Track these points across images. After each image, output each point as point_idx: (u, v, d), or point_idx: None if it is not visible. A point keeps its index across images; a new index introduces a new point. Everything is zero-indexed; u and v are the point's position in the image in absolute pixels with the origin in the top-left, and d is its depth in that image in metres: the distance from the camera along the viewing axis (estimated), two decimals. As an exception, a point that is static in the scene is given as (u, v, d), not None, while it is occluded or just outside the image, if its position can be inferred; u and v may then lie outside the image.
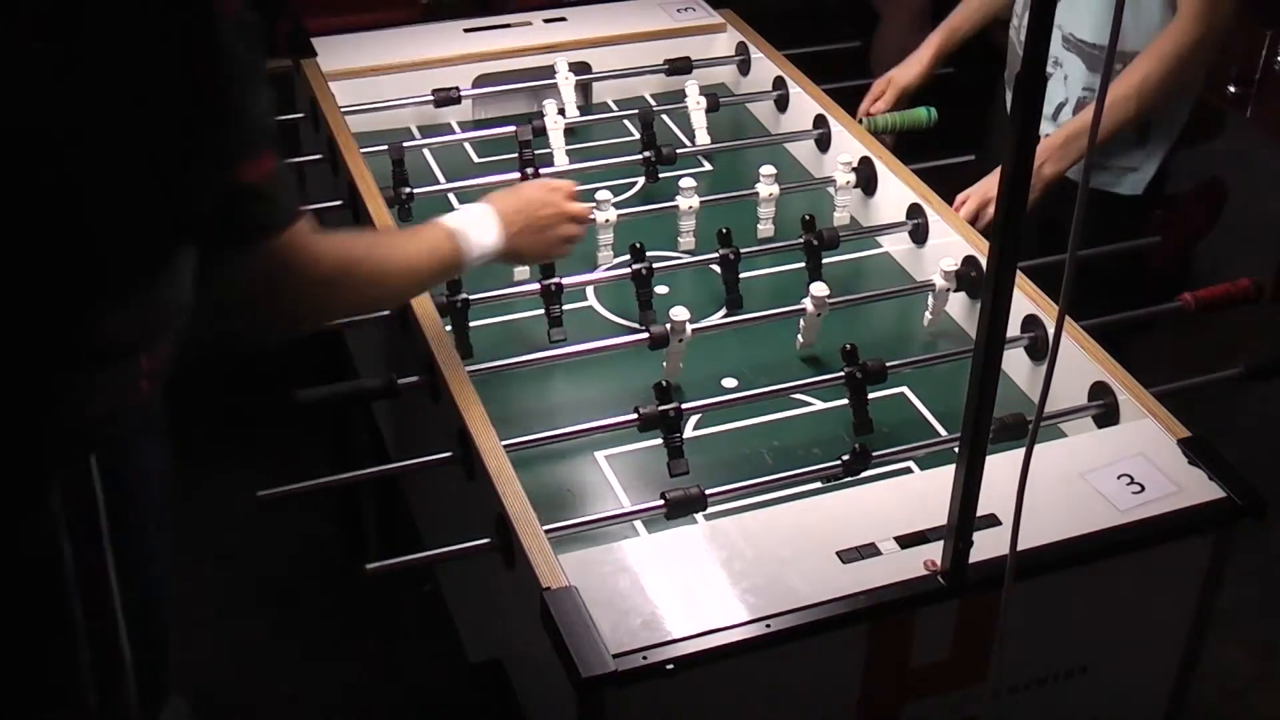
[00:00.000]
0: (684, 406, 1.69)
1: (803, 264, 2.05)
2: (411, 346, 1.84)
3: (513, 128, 2.28)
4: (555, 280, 1.90)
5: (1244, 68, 3.34)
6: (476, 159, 2.41)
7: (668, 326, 1.82)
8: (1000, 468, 1.36)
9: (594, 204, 2.08)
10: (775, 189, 2.16)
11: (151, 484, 1.57)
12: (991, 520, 1.47)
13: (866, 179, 2.23)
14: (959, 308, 2.02)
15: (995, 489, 1.34)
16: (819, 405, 1.84)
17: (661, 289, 2.02)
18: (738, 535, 1.49)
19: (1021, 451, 1.28)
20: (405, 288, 1.67)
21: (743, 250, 2.00)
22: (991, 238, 1.27)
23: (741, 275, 2.00)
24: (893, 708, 1.52)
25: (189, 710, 2.26)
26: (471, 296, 1.88)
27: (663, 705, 1.39)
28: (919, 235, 2.11)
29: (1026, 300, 1.87)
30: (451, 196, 2.28)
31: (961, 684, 1.53)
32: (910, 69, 2.48)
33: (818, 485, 1.65)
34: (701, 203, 2.13)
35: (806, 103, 2.42)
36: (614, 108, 2.61)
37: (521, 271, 2.03)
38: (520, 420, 1.75)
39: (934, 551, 1.45)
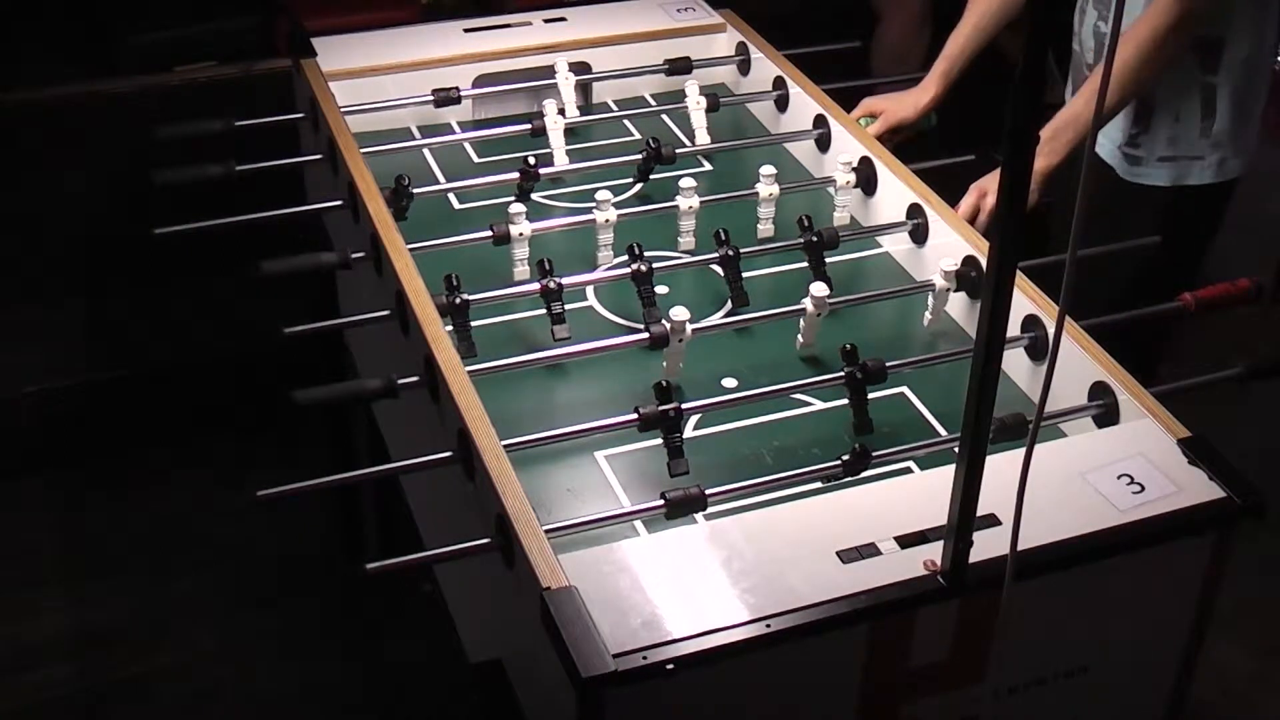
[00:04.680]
0: (684, 406, 1.69)
1: (803, 264, 2.05)
2: (411, 346, 1.84)
3: (513, 128, 2.27)
4: (555, 280, 1.90)
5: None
6: (476, 159, 2.41)
7: (668, 326, 1.82)
8: (1000, 468, 1.36)
9: (594, 204, 2.08)
10: (775, 189, 2.16)
11: None
12: (991, 520, 1.47)
13: (866, 179, 2.23)
14: (959, 308, 2.02)
15: (995, 489, 1.34)
16: (819, 405, 1.84)
17: (661, 289, 2.02)
18: (738, 535, 1.49)
19: (1021, 451, 1.28)
20: None
21: (743, 250, 2.00)
22: (991, 237, 1.27)
23: (742, 275, 2.00)
24: (892, 708, 1.52)
25: None
26: (471, 297, 1.88)
27: (663, 705, 1.39)
28: (919, 235, 2.11)
29: (1026, 300, 1.87)
30: (451, 197, 2.28)
31: (961, 684, 1.53)
32: (906, 107, 2.46)
33: (818, 485, 1.64)
34: (701, 203, 2.13)
35: (806, 103, 2.42)
36: (614, 108, 2.61)
37: (521, 271, 2.03)
38: (520, 420, 1.75)
39: (934, 551, 1.45)
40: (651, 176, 2.29)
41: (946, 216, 2.07)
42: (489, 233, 2.03)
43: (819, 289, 1.88)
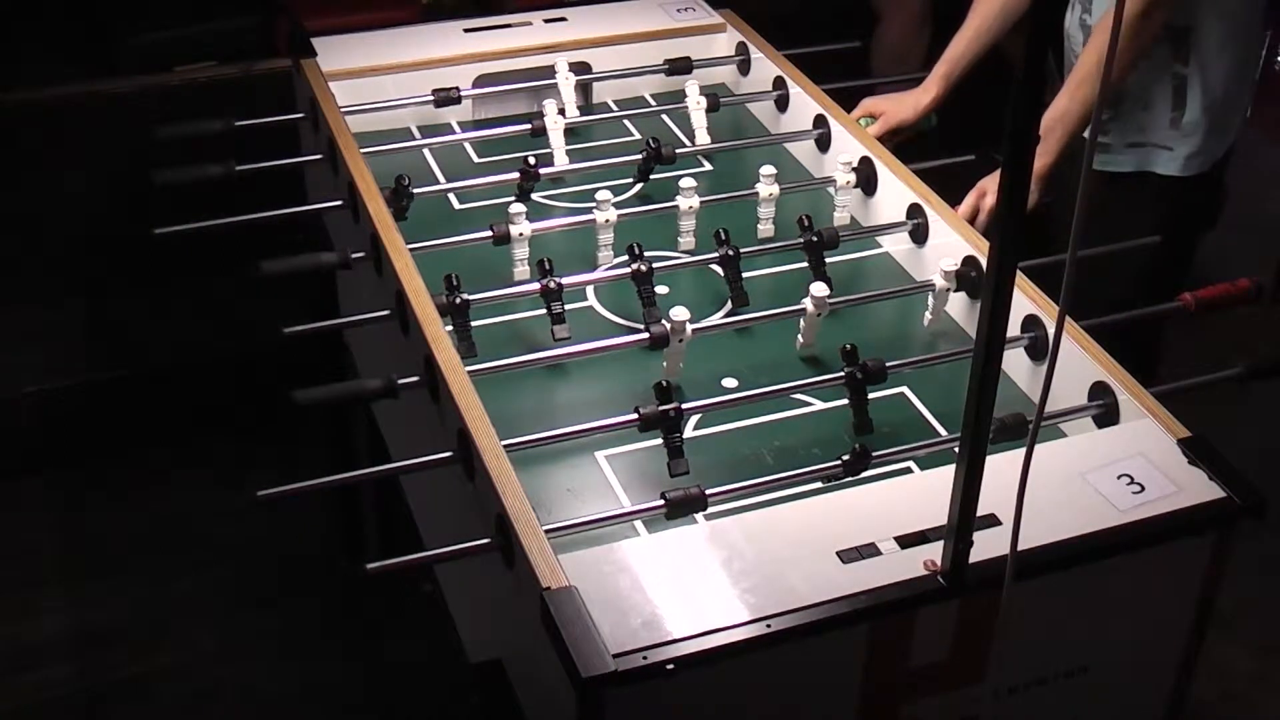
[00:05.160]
0: (684, 406, 1.69)
1: (803, 264, 2.05)
2: (411, 346, 1.84)
3: (513, 128, 2.27)
4: (555, 280, 1.90)
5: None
6: (476, 159, 2.41)
7: (668, 326, 1.82)
8: (1000, 468, 1.36)
9: (594, 204, 2.08)
10: (775, 189, 2.16)
11: None
12: (991, 520, 1.47)
13: (866, 179, 2.23)
14: (959, 308, 2.02)
15: (995, 489, 1.34)
16: (819, 405, 1.84)
17: (661, 289, 2.02)
18: (738, 535, 1.49)
19: (1021, 451, 1.28)
20: None
21: (743, 250, 2.00)
22: (991, 237, 1.27)
23: (742, 275, 2.00)
24: (892, 708, 1.52)
25: None
26: (472, 296, 1.88)
27: (663, 705, 1.39)
28: (919, 235, 2.11)
29: (1026, 300, 1.87)
30: (451, 197, 2.28)
31: (961, 684, 1.53)
32: (906, 108, 2.46)
33: (818, 485, 1.64)
34: (701, 203, 2.13)
35: (806, 103, 2.42)
36: (614, 108, 2.61)
37: (521, 271, 2.03)
38: (520, 420, 1.75)
39: (934, 551, 1.45)
40: (651, 176, 2.29)
41: (946, 216, 2.07)
42: (489, 233, 2.03)
43: (819, 289, 1.88)
